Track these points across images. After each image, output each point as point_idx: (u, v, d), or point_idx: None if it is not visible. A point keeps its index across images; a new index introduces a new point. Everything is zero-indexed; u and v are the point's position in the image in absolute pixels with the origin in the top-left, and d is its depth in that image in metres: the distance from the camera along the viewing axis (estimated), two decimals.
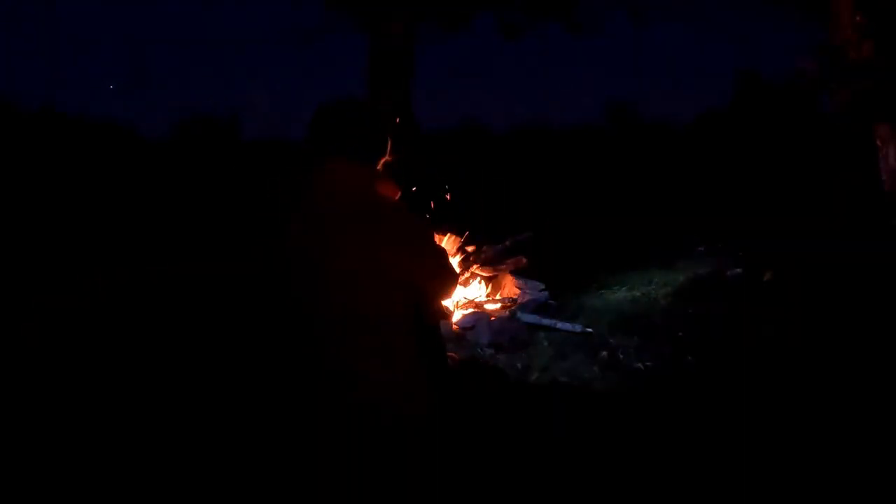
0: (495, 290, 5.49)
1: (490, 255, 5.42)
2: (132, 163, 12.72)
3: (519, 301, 5.18)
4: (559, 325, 4.82)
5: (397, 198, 1.84)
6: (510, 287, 5.45)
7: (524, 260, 5.46)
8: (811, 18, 6.06)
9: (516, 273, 5.51)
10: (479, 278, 5.46)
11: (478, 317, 4.83)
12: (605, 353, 4.33)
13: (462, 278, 5.24)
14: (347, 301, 1.65)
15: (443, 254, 1.88)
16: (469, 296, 5.31)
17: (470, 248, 5.30)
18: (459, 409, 2.91)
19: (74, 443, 3.10)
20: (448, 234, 5.08)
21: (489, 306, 5.18)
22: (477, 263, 5.37)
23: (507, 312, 4.99)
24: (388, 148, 1.85)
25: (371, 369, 1.67)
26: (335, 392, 1.68)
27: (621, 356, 4.28)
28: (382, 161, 1.84)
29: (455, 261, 5.08)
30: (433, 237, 1.86)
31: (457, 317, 4.91)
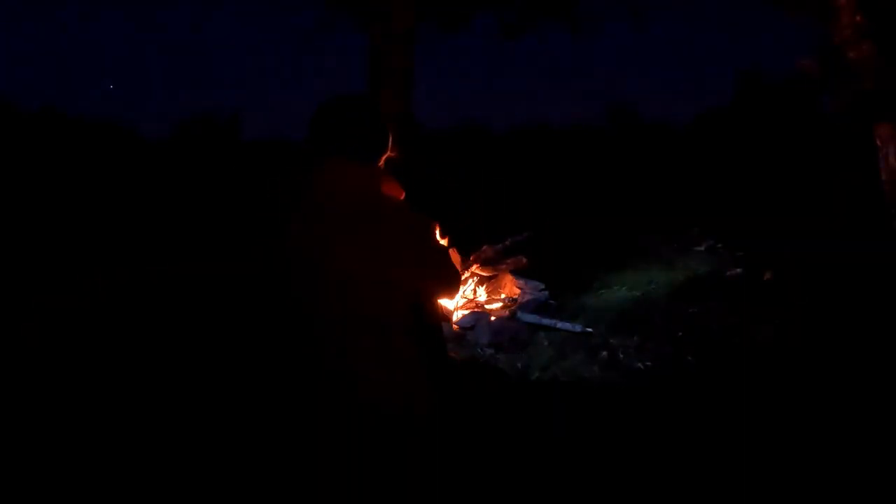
0: (495, 290, 5.49)
1: (490, 255, 5.42)
2: (132, 163, 12.73)
3: (519, 301, 5.18)
4: (559, 325, 4.81)
5: (402, 198, 1.83)
6: (510, 287, 5.45)
7: (524, 260, 5.46)
8: (812, 18, 6.05)
9: (516, 273, 5.51)
10: (478, 278, 5.45)
11: (478, 317, 4.83)
12: (605, 353, 4.33)
13: (462, 278, 5.24)
14: (348, 301, 1.65)
15: (445, 253, 1.87)
16: (469, 296, 5.31)
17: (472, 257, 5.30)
18: (459, 409, 2.91)
19: (74, 442, 3.10)
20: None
21: (489, 306, 5.18)
22: (477, 263, 5.37)
23: (507, 312, 4.99)
24: (391, 145, 1.83)
25: (371, 369, 1.67)
26: (335, 392, 1.68)
27: (621, 356, 4.28)
28: (385, 158, 1.83)
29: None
30: (436, 236, 1.85)
31: (457, 317, 4.91)
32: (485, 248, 5.44)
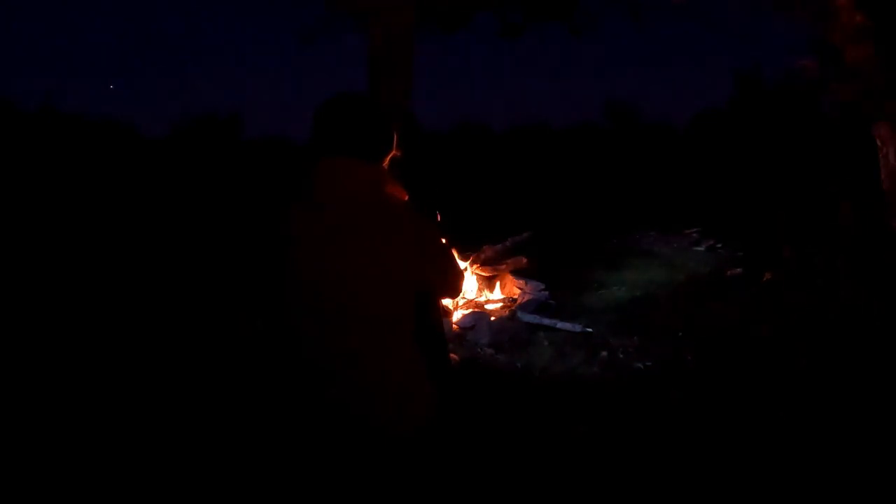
0: (495, 290, 5.49)
1: (490, 255, 5.42)
2: (132, 161, 12.73)
3: (519, 301, 5.19)
4: (559, 325, 4.82)
5: (405, 199, 1.82)
6: (510, 287, 5.46)
7: (524, 260, 5.47)
8: (812, 18, 6.05)
9: (516, 273, 5.52)
10: (478, 278, 5.46)
11: (478, 317, 4.83)
12: (605, 353, 4.33)
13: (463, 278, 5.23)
14: (349, 301, 1.65)
15: (448, 253, 1.86)
16: (469, 296, 5.31)
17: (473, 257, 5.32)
18: (460, 408, 2.91)
19: (73, 441, 3.10)
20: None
21: (489, 306, 5.18)
22: (477, 263, 5.38)
23: (507, 312, 4.99)
24: (395, 143, 1.83)
25: (372, 369, 1.67)
26: (335, 391, 1.68)
27: (621, 356, 4.28)
28: (389, 157, 1.83)
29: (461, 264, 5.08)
30: (439, 236, 1.85)
31: (457, 317, 4.91)
32: (485, 248, 5.45)
